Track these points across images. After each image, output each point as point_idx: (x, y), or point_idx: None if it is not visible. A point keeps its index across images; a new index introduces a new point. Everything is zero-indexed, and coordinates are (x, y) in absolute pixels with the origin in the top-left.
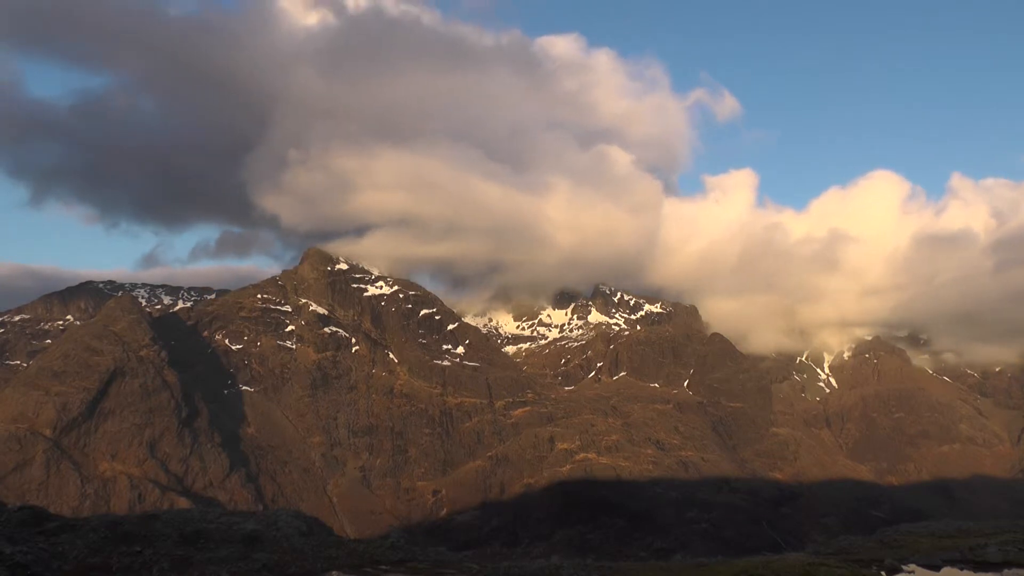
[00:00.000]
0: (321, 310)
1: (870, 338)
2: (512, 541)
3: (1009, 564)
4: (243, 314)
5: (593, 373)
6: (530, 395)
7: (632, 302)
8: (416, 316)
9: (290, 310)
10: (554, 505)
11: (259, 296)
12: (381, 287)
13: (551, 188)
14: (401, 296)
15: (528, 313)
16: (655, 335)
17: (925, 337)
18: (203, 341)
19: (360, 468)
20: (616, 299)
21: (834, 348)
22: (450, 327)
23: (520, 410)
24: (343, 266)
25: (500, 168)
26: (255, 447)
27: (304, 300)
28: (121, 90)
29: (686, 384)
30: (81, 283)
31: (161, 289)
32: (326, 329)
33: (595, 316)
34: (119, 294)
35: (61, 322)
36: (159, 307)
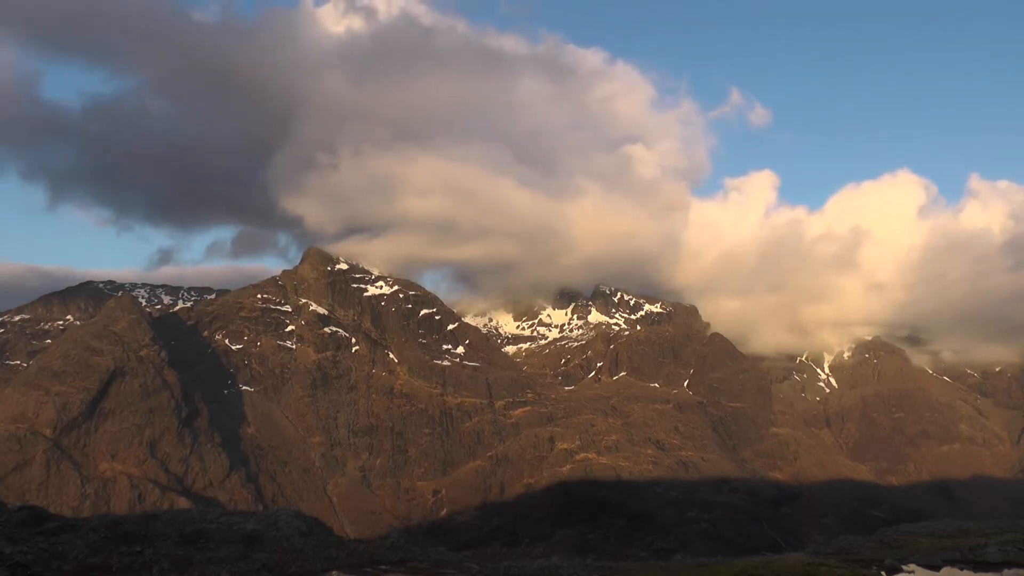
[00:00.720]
0: (321, 310)
1: (870, 338)
2: (512, 541)
3: (1009, 564)
4: (243, 314)
5: (593, 373)
6: (530, 395)
7: (632, 302)
8: (416, 316)
9: (290, 310)
10: (554, 505)
11: (259, 296)
12: (381, 287)
13: (580, 192)
14: (401, 296)
15: (528, 313)
16: (655, 335)
17: (926, 337)
18: (203, 341)
19: (360, 468)
20: (616, 299)
21: (834, 348)
22: (450, 327)
23: (520, 410)
24: (343, 266)
25: (529, 171)
26: (255, 447)
27: (304, 300)
28: (138, 93)
29: (686, 384)
30: (81, 283)
31: (161, 289)
32: (326, 329)
33: (595, 316)
34: (119, 294)
35: (61, 322)
36: (159, 307)
